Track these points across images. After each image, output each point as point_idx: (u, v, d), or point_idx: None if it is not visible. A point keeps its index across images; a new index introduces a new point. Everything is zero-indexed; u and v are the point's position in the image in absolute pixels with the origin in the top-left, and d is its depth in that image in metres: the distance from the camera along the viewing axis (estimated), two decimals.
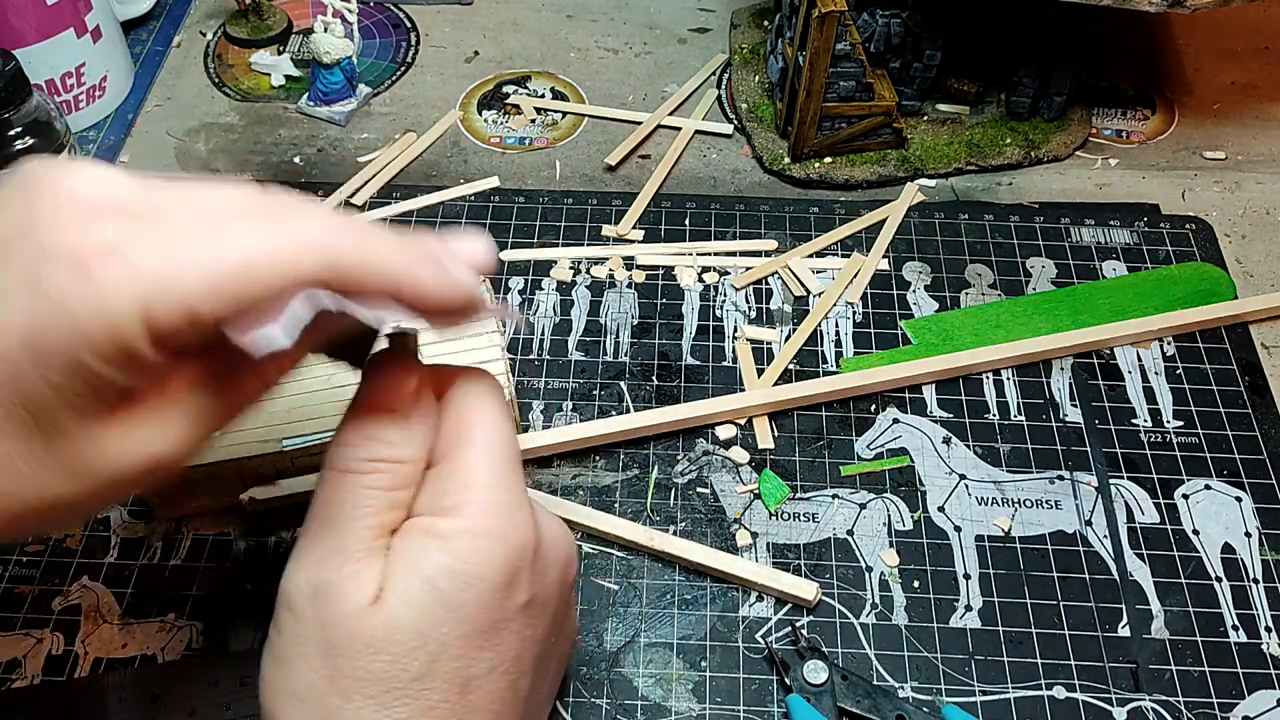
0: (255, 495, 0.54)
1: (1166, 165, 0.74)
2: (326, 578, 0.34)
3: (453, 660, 0.34)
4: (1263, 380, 0.61)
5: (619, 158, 0.73)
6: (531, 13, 0.85)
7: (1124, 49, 0.81)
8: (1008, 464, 0.58)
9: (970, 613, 0.52)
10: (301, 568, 0.35)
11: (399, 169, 0.73)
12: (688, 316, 0.64)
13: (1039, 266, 0.67)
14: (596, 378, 0.62)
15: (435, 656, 0.34)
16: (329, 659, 0.34)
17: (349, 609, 0.34)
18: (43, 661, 0.50)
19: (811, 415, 0.60)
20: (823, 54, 0.65)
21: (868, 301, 0.65)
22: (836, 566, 0.54)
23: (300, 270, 0.31)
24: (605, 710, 0.49)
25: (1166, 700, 0.50)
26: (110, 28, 0.76)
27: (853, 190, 0.72)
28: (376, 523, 0.35)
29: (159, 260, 0.30)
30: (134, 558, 0.54)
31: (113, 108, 0.77)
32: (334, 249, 0.32)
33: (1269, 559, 0.54)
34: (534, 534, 0.37)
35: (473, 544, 0.35)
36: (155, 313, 0.29)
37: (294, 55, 0.81)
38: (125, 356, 0.30)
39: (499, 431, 0.37)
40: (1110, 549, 0.55)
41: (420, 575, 0.34)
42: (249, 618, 0.52)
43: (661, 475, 0.57)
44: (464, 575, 0.35)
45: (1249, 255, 0.68)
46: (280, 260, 0.31)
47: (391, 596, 0.34)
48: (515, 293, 0.65)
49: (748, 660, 0.51)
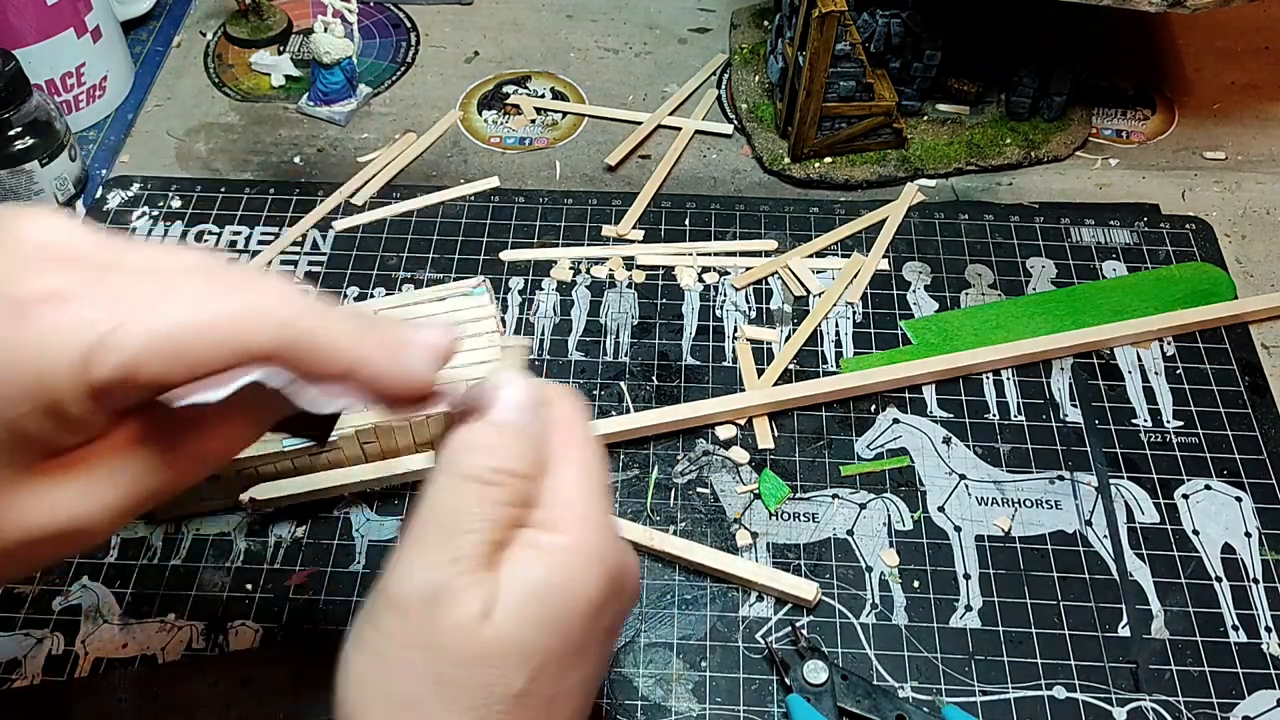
0: (255, 495, 0.54)
1: (1166, 165, 0.74)
2: (442, 584, 0.33)
3: (549, 677, 0.35)
4: (1263, 380, 0.61)
5: (619, 158, 0.73)
6: (531, 13, 0.85)
7: (1124, 49, 0.81)
8: (1008, 464, 0.58)
9: (970, 613, 0.52)
10: (415, 569, 0.34)
11: (399, 169, 0.73)
12: (688, 316, 0.64)
13: (1039, 266, 0.67)
14: (596, 378, 0.62)
15: (536, 673, 0.34)
16: (436, 666, 0.33)
17: (463, 619, 0.33)
18: (43, 661, 0.50)
19: (811, 415, 0.60)
20: (823, 54, 0.65)
21: (868, 301, 0.65)
22: (836, 566, 0.54)
23: (252, 341, 0.30)
24: (605, 710, 0.49)
25: (1166, 700, 0.50)
26: (110, 28, 0.76)
27: (853, 190, 0.72)
28: (496, 535, 0.35)
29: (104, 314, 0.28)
30: (134, 558, 0.54)
31: (113, 108, 0.77)
32: (290, 322, 0.31)
33: (1269, 559, 0.54)
34: (624, 557, 0.37)
35: (576, 562, 0.35)
36: (93, 366, 0.28)
37: (294, 55, 0.81)
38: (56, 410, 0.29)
39: (593, 451, 0.37)
40: (1110, 549, 0.55)
41: (530, 591, 0.34)
42: (249, 618, 0.52)
43: (661, 475, 0.57)
44: (570, 594, 0.35)
45: (1249, 255, 0.68)
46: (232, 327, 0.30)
47: (502, 610, 0.34)
48: (515, 293, 0.66)
49: (748, 660, 0.51)
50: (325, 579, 0.53)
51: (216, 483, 0.54)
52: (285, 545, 0.54)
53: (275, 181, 0.72)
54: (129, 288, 0.29)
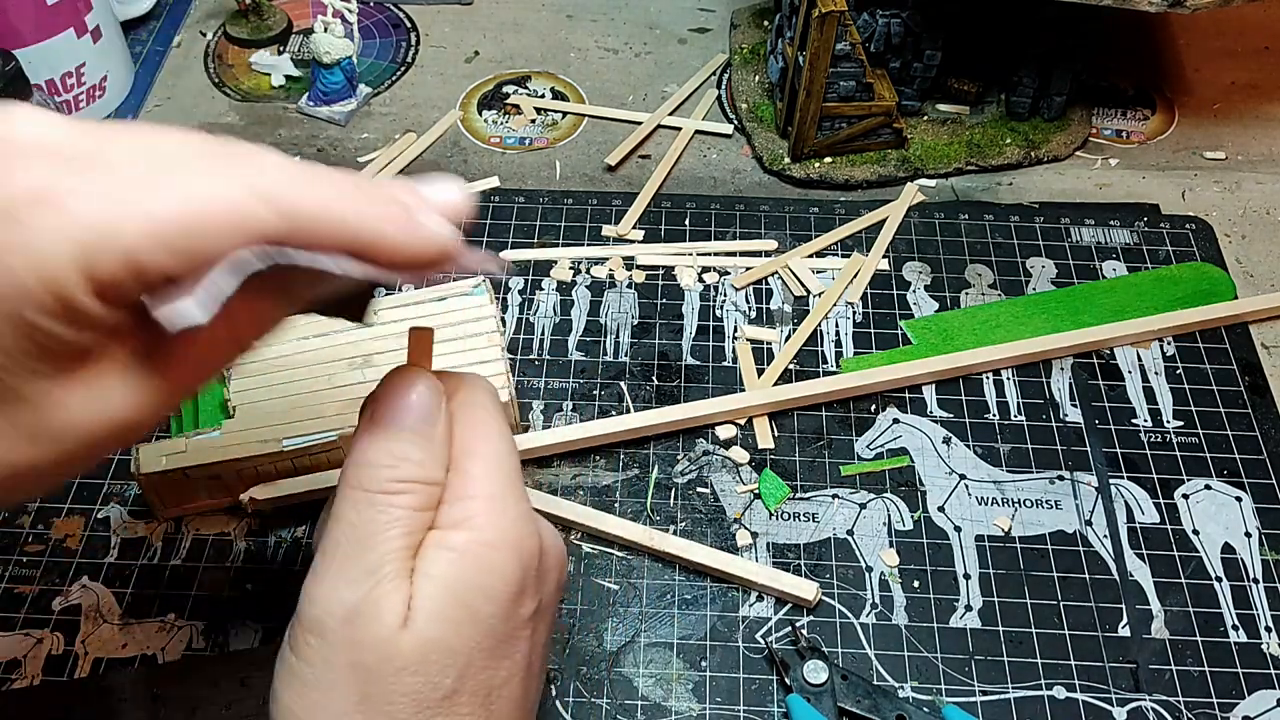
0: (255, 495, 0.54)
1: (1166, 165, 0.74)
2: (359, 600, 0.33)
3: (478, 673, 0.34)
4: (1263, 380, 0.61)
5: (619, 158, 0.73)
6: (531, 13, 0.85)
7: (1124, 49, 0.81)
8: (1008, 464, 0.58)
9: (970, 613, 0.52)
10: (329, 590, 0.34)
11: (399, 169, 0.73)
12: (688, 316, 0.64)
13: (1039, 266, 0.67)
14: (596, 378, 0.62)
15: (463, 671, 0.34)
16: (361, 684, 0.33)
17: (383, 631, 0.33)
18: (43, 661, 0.50)
19: (811, 415, 0.60)
20: (823, 54, 0.65)
21: (868, 301, 0.65)
22: (836, 566, 0.54)
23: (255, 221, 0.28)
24: (605, 710, 0.49)
25: (1166, 700, 0.50)
26: (110, 28, 0.76)
27: (853, 190, 0.72)
28: (408, 543, 0.34)
29: (98, 207, 0.27)
30: (134, 558, 0.54)
31: (113, 108, 0.77)
32: (292, 199, 0.29)
33: (1269, 559, 0.54)
34: (539, 542, 0.37)
35: (490, 556, 0.35)
36: (95, 263, 0.27)
37: (294, 55, 0.81)
38: (68, 310, 0.27)
39: (502, 440, 0.37)
40: (1110, 549, 0.55)
41: (445, 590, 0.34)
42: (249, 618, 0.52)
43: (661, 475, 0.57)
44: (485, 588, 0.34)
45: (1249, 255, 0.68)
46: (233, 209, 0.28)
47: (421, 615, 0.33)
48: (515, 292, 0.66)
49: (748, 660, 0.51)
50: None
51: (217, 483, 0.54)
52: (285, 545, 0.54)
53: None
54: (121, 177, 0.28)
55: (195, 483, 0.53)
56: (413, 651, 0.33)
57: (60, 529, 0.55)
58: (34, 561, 0.54)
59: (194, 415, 0.56)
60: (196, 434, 0.53)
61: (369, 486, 0.35)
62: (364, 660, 0.33)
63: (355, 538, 0.34)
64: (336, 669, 0.33)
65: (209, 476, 0.53)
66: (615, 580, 0.53)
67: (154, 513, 0.55)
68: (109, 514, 0.55)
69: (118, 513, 0.56)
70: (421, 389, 0.36)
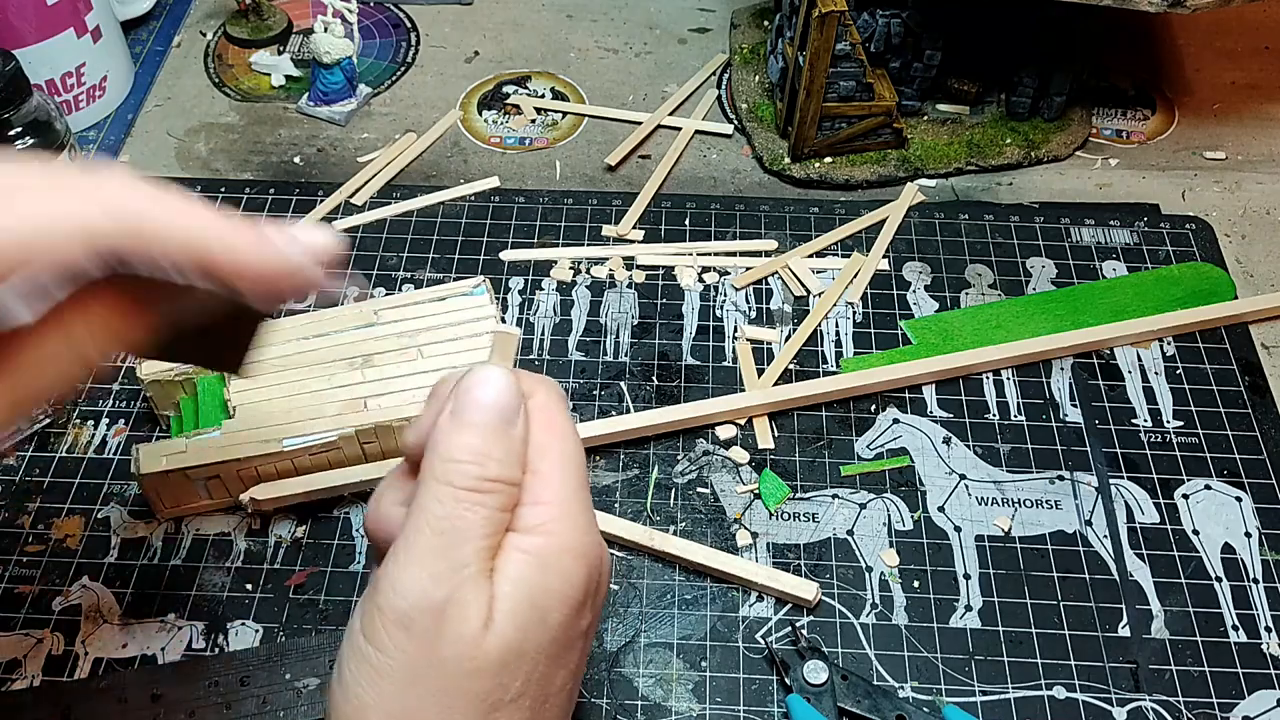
0: (255, 495, 0.54)
1: (1166, 165, 0.74)
2: (448, 596, 0.33)
3: (541, 678, 0.35)
4: (1263, 380, 0.61)
5: (619, 158, 0.73)
6: (531, 13, 0.85)
7: (1124, 49, 0.81)
8: (1008, 464, 0.58)
9: (970, 613, 0.52)
10: (414, 582, 0.34)
11: (399, 169, 0.73)
12: (688, 316, 0.64)
13: (1039, 266, 0.67)
14: (596, 378, 0.62)
15: (529, 675, 0.34)
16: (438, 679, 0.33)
17: (468, 631, 0.33)
18: (43, 661, 0.50)
19: (811, 415, 0.60)
20: (823, 54, 0.65)
21: (868, 301, 0.65)
22: (836, 566, 0.54)
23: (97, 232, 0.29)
24: (605, 710, 0.49)
25: (1166, 700, 0.50)
26: (110, 28, 0.76)
27: (853, 190, 0.72)
28: (491, 544, 0.35)
29: None
30: (134, 558, 0.54)
31: (113, 108, 0.77)
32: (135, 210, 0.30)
33: (1269, 559, 0.54)
34: (602, 553, 0.37)
35: (563, 562, 0.35)
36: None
37: (294, 55, 0.81)
38: None
39: (573, 445, 0.37)
40: (1110, 549, 0.55)
41: (522, 594, 0.34)
42: (249, 618, 0.52)
43: (661, 475, 0.57)
44: (557, 593, 0.35)
45: (1249, 255, 0.68)
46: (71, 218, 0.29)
47: (500, 617, 0.34)
48: (515, 292, 0.66)
49: (748, 660, 0.51)
50: (325, 579, 0.53)
51: (217, 483, 0.54)
52: (285, 545, 0.54)
53: (275, 182, 0.72)
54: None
55: (195, 483, 0.53)
56: (494, 653, 0.34)
57: (60, 529, 0.55)
58: (34, 561, 0.54)
59: (194, 415, 0.56)
60: (196, 434, 0.53)
61: (456, 482, 0.35)
62: (445, 656, 0.33)
63: (441, 531, 0.34)
64: (416, 663, 0.33)
65: (209, 476, 0.53)
66: (615, 580, 0.53)
67: (154, 513, 0.55)
68: (109, 514, 0.55)
69: (118, 513, 0.56)
70: (507, 389, 0.36)
